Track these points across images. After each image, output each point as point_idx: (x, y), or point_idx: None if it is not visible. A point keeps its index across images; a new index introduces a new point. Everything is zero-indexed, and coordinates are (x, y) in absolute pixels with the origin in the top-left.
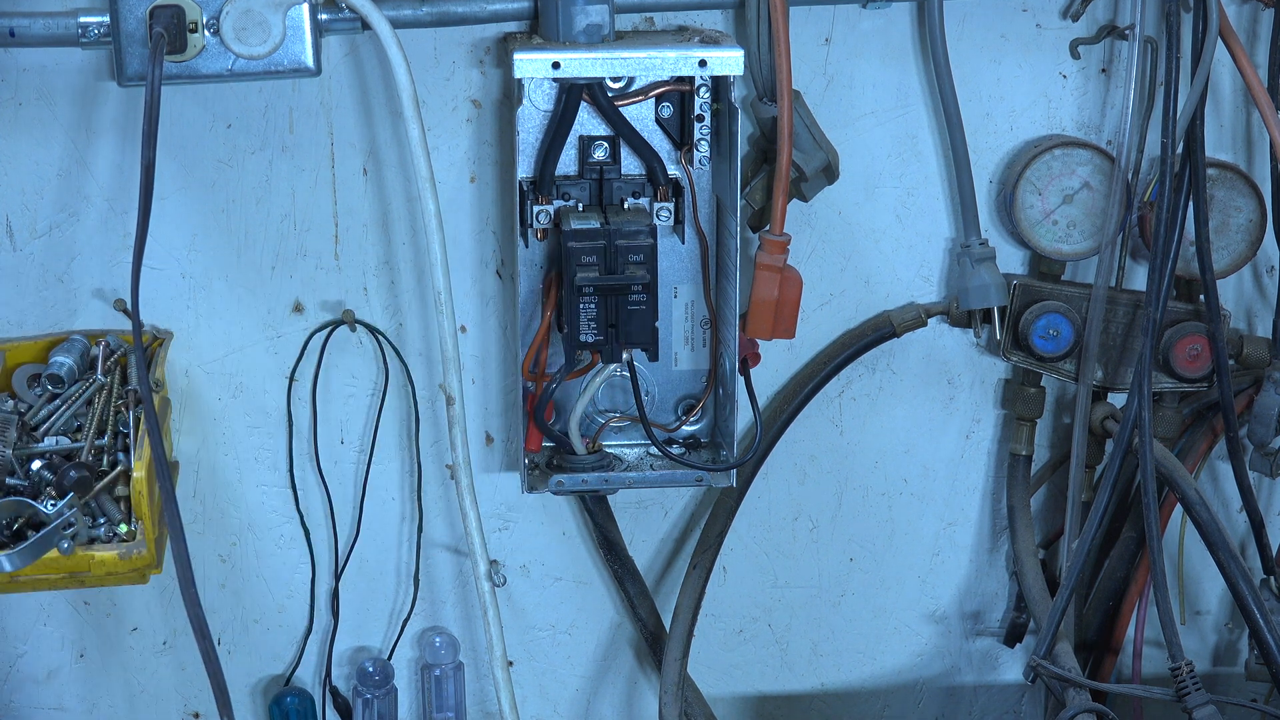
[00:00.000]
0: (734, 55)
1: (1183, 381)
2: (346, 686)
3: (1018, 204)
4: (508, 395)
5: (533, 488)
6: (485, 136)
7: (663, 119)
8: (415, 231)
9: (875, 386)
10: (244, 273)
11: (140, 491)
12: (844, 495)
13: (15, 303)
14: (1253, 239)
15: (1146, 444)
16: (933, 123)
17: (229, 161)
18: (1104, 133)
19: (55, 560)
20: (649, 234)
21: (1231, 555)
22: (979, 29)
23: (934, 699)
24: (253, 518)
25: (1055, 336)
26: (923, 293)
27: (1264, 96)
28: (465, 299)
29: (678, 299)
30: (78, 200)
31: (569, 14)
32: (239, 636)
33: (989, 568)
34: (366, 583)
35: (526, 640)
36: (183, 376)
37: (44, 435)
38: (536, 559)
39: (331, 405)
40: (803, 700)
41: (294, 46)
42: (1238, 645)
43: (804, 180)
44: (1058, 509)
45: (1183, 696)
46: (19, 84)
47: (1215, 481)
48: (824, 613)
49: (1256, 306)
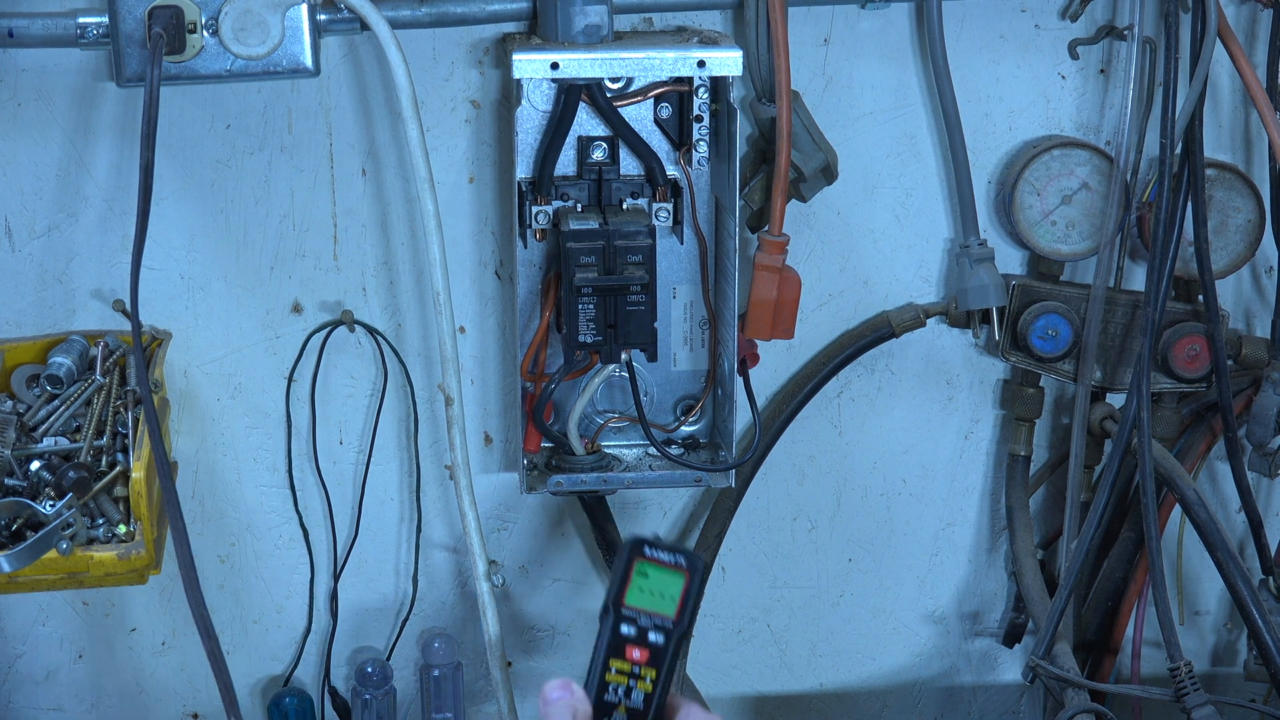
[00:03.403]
0: (733, 56)
1: (1181, 382)
2: (345, 687)
3: (1016, 204)
4: (506, 395)
5: (531, 488)
6: (484, 137)
7: (661, 119)
8: (414, 232)
9: (874, 387)
10: (243, 273)
11: (139, 492)
12: (843, 496)
13: (14, 303)
14: (1251, 239)
15: (1145, 444)
16: (932, 123)
17: (228, 162)
18: (1103, 133)
19: (54, 561)
20: (648, 234)
21: (1230, 555)
22: (978, 29)
23: (933, 699)
24: (252, 518)
25: (1054, 337)
26: (921, 293)
27: (1262, 97)
28: (464, 299)
29: (676, 299)
30: (77, 201)
31: (568, 14)
32: (238, 637)
33: (988, 568)
34: (365, 583)
35: (525, 641)
36: (182, 377)
37: (43, 436)
38: (535, 559)
39: (330, 406)
40: (802, 700)
41: (293, 47)
42: (1236, 645)
43: (803, 181)
44: (1056, 509)
45: (1181, 697)
46: (18, 84)
47: (1214, 482)
48: (823, 613)
49: (1255, 307)
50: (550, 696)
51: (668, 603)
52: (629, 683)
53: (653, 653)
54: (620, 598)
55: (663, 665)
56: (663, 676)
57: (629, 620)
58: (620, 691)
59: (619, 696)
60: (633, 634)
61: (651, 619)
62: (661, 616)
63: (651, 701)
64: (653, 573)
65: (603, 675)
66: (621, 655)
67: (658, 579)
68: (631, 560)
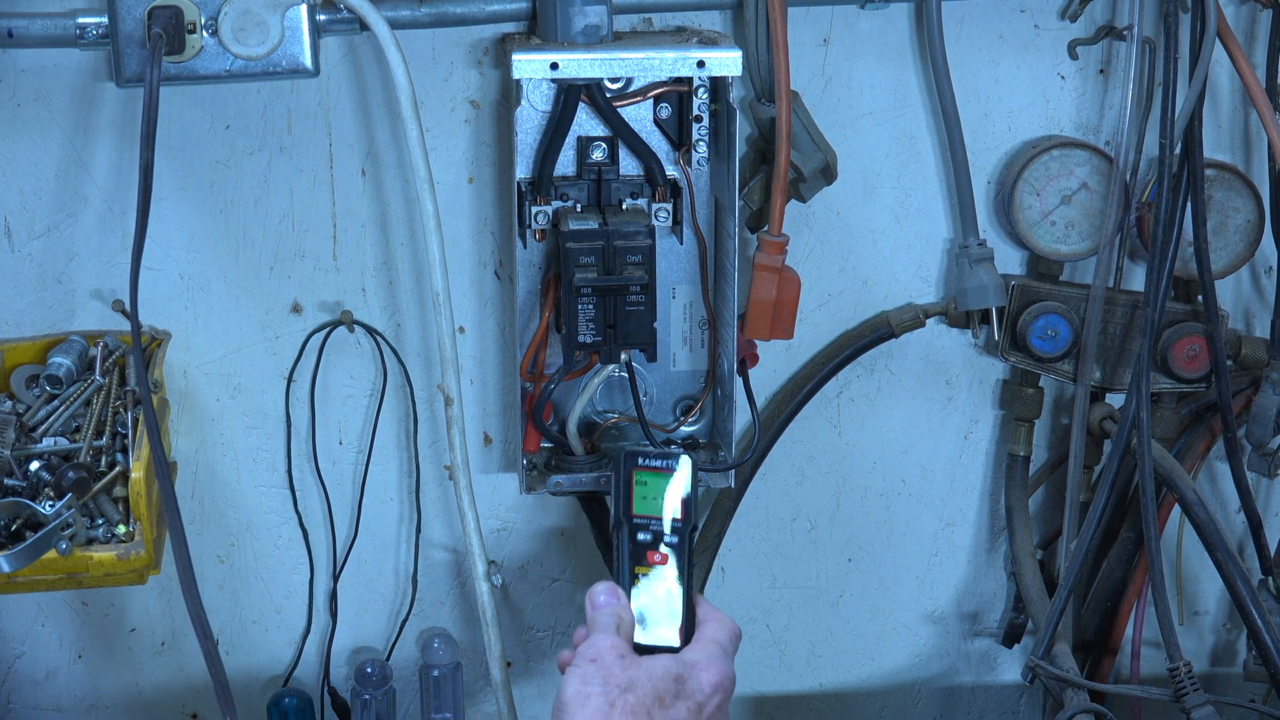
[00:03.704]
0: (732, 56)
1: (1181, 382)
2: (345, 687)
3: (1016, 204)
4: (506, 396)
5: (531, 488)
6: (483, 137)
7: (661, 120)
8: (414, 232)
9: (874, 387)
10: (242, 273)
11: (138, 492)
12: (842, 496)
13: (14, 303)
14: (1251, 239)
15: (1145, 444)
16: (931, 123)
17: (227, 162)
18: (1102, 133)
19: (53, 561)
20: (647, 234)
21: (1230, 555)
22: (977, 30)
23: (932, 699)
24: (251, 518)
25: (1053, 337)
26: (921, 293)
27: (1262, 97)
28: (463, 300)
29: (676, 299)
30: (76, 201)
31: (567, 15)
32: (237, 637)
33: (987, 568)
34: (365, 583)
35: (525, 641)
36: (181, 377)
37: (42, 436)
38: (535, 559)
39: (330, 406)
40: (801, 701)
41: (292, 47)
42: (1236, 645)
43: (802, 181)
44: (1056, 509)
45: (1181, 697)
46: (17, 85)
47: (1213, 482)
48: (822, 613)
49: (1255, 307)
50: (599, 600)
51: (671, 503)
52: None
53: (670, 554)
54: (629, 509)
55: (681, 563)
56: (684, 574)
57: (641, 528)
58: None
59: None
60: (648, 539)
61: (661, 522)
62: (669, 518)
63: (679, 598)
64: (651, 479)
65: (630, 584)
66: (643, 561)
67: (656, 484)
68: (630, 473)
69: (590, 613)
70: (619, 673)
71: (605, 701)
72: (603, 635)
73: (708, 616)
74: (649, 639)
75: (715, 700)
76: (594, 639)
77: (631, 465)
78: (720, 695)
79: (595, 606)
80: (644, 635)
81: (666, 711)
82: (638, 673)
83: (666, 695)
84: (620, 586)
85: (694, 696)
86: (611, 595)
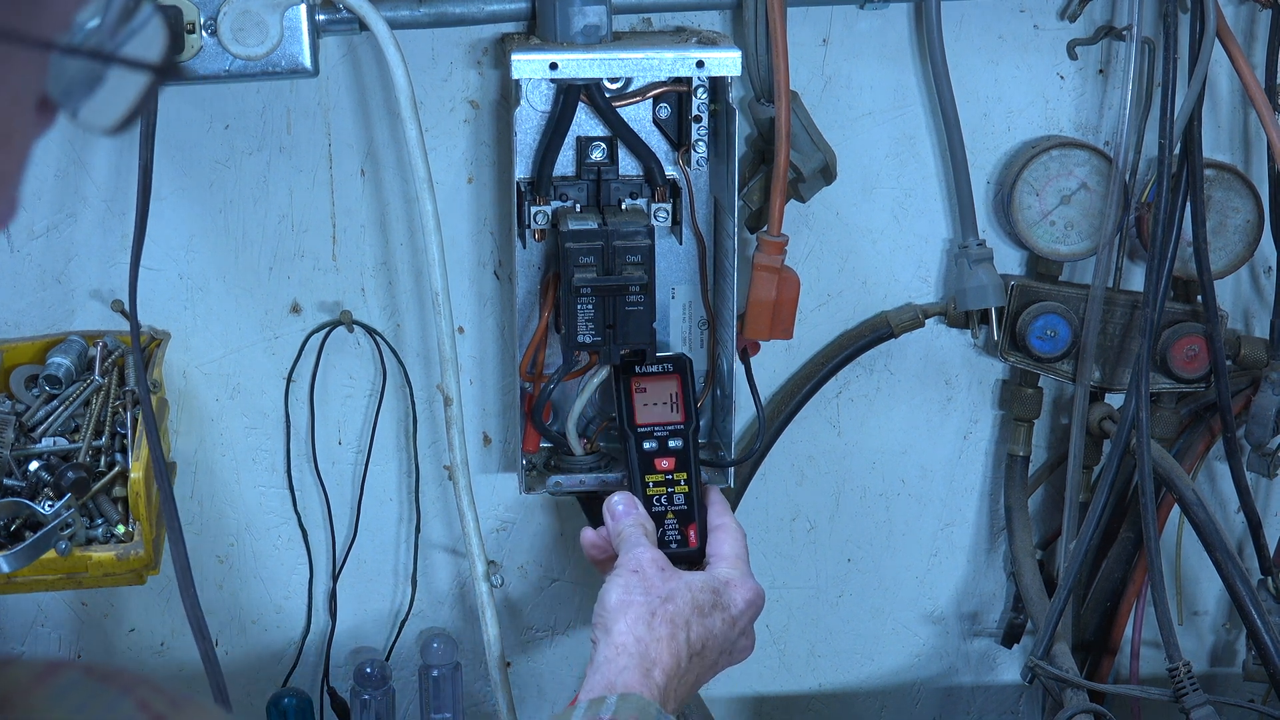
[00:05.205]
0: (731, 56)
1: (1180, 382)
2: (344, 687)
3: (1015, 205)
4: (505, 396)
5: (530, 488)
6: (483, 137)
7: (660, 120)
8: (413, 232)
9: (873, 387)
10: (241, 273)
11: (138, 492)
12: (842, 496)
13: (13, 303)
14: (1250, 240)
15: (1144, 444)
16: (930, 123)
17: (226, 162)
18: (1102, 133)
19: (52, 561)
20: (647, 234)
21: (1229, 556)
22: (977, 30)
23: (932, 699)
24: (250, 518)
25: (1053, 337)
26: (920, 293)
27: (1261, 97)
28: (463, 300)
29: (675, 299)
30: (75, 201)
31: (566, 15)
32: (236, 637)
33: (987, 568)
34: (364, 583)
35: (524, 641)
36: (180, 377)
37: (41, 436)
38: (534, 559)
39: (329, 406)
40: (800, 701)
41: (291, 47)
42: (1235, 646)
43: (802, 181)
44: (1055, 509)
45: (1180, 697)
46: None
47: (1213, 482)
48: (822, 613)
49: (1254, 307)
50: (618, 511)
51: (672, 408)
52: (668, 490)
53: (678, 457)
54: (633, 419)
55: (689, 465)
56: (693, 475)
57: (646, 436)
58: (663, 500)
59: (664, 505)
60: (655, 447)
61: (665, 428)
62: (671, 423)
63: (692, 499)
64: (650, 386)
65: (644, 492)
66: (653, 468)
67: (655, 391)
68: (628, 382)
69: (612, 524)
70: (659, 584)
71: (647, 610)
72: (642, 548)
73: (721, 522)
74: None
75: (748, 615)
76: (634, 552)
77: (628, 374)
78: (752, 610)
79: (615, 518)
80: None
81: (705, 620)
82: (678, 584)
83: (705, 605)
84: (635, 496)
85: (729, 610)
86: (630, 505)
